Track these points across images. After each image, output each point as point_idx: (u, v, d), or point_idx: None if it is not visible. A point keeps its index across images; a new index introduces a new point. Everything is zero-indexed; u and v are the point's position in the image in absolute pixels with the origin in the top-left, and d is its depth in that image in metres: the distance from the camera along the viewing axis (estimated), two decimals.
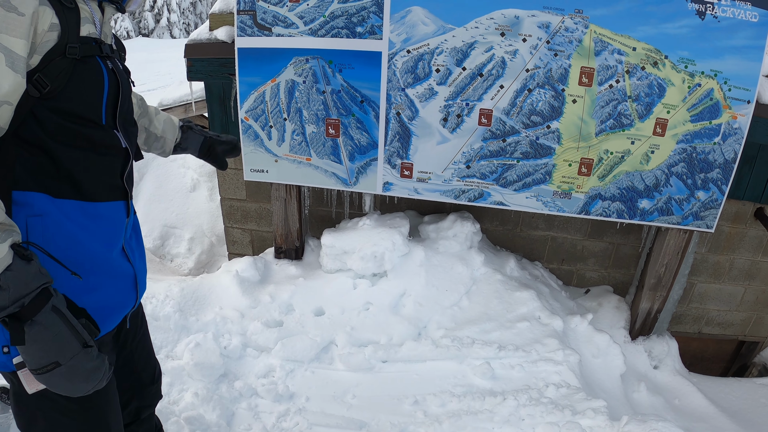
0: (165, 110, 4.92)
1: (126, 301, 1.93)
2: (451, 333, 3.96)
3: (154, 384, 2.46)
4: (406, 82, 3.80)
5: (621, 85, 3.67)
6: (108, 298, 1.83)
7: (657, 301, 4.50)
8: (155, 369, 2.45)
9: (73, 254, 1.68)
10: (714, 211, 3.96)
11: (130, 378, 2.26)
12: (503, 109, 3.79)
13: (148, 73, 20.66)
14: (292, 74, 3.89)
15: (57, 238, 1.65)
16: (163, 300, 4.02)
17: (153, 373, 2.43)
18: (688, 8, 3.47)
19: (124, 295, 1.91)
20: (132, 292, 1.94)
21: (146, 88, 16.89)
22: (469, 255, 4.37)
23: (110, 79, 1.73)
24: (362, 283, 4.21)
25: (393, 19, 3.66)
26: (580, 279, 5.07)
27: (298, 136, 4.06)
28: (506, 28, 3.61)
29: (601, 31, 3.57)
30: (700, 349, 5.44)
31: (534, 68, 3.67)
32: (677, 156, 3.82)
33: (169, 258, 7.76)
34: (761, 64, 3.55)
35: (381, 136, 3.96)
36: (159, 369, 2.49)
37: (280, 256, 4.63)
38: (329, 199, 4.75)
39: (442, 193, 4.07)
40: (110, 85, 1.73)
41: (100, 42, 1.72)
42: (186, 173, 8.34)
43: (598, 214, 4.02)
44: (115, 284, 1.85)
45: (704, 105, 3.67)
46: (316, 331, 3.96)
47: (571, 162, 3.87)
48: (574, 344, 4.14)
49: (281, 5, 3.75)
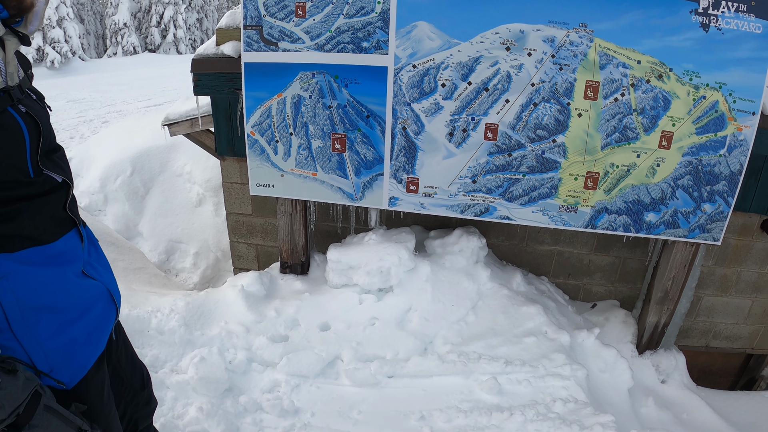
0: (171, 125, 4.94)
1: (108, 316, 1.96)
2: (458, 348, 3.94)
3: (145, 389, 2.45)
4: (411, 97, 3.81)
5: (626, 98, 3.67)
6: (92, 320, 1.87)
7: (664, 315, 4.48)
8: (143, 373, 2.46)
9: (48, 295, 1.72)
10: (720, 224, 3.95)
11: (121, 387, 2.27)
12: (509, 123, 3.79)
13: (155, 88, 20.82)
14: (299, 89, 3.91)
15: (28, 289, 1.67)
16: (168, 314, 4.02)
17: (142, 377, 2.43)
18: (692, 21, 3.48)
19: (105, 312, 1.94)
20: (110, 304, 1.97)
21: (152, 103, 17.02)
22: (476, 270, 4.37)
23: (29, 127, 1.65)
24: (368, 298, 4.20)
25: (399, 34, 3.68)
26: (586, 293, 5.05)
27: (304, 151, 4.07)
28: (511, 43, 3.62)
29: (606, 44, 3.58)
30: (707, 362, 5.41)
31: (539, 82, 3.68)
32: (683, 169, 3.81)
33: (174, 272, 7.79)
34: (766, 75, 3.56)
35: (387, 150, 3.97)
36: (147, 372, 2.49)
37: (286, 271, 4.62)
38: (335, 214, 4.75)
39: (448, 207, 4.06)
40: (30, 134, 1.65)
41: (9, 89, 1.62)
42: (192, 188, 8.37)
43: (605, 227, 4.01)
44: (93, 305, 1.88)
45: (709, 117, 3.68)
46: (321, 346, 3.95)
47: (577, 176, 3.87)
48: (582, 359, 4.11)
49: (288, 20, 3.78)
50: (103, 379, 2.00)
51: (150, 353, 3.78)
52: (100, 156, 9.10)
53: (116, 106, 16.88)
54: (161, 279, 6.38)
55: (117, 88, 21.50)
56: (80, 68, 33.04)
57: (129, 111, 15.68)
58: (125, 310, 3.90)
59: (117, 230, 7.89)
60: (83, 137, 12.08)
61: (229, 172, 4.73)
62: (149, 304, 4.11)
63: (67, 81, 23.73)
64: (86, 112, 15.66)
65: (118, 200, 8.47)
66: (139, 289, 4.50)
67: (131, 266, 6.14)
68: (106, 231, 6.82)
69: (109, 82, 23.82)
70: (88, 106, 16.82)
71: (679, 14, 3.48)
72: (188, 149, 8.15)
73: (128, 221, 8.34)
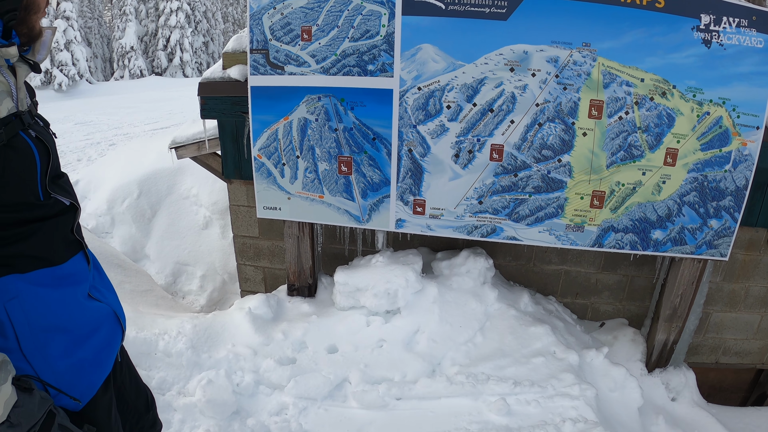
0: (178, 148, 4.98)
1: (115, 337, 1.98)
2: (466, 369, 3.93)
3: (149, 411, 2.45)
4: (417, 119, 3.84)
5: (630, 116, 3.69)
6: (100, 341, 1.89)
7: (673, 333, 4.47)
8: (147, 395, 2.45)
9: (58, 316, 1.74)
10: (727, 239, 3.95)
11: (126, 410, 2.27)
12: (514, 144, 3.81)
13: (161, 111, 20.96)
14: (305, 112, 3.94)
15: (38, 309, 1.69)
16: (176, 336, 4.03)
17: (146, 399, 2.43)
18: (693, 38, 3.51)
19: (112, 333, 1.96)
20: (117, 326, 1.99)
21: (159, 126, 17.13)
22: (483, 291, 4.37)
23: (39, 151, 1.70)
24: (376, 320, 4.21)
25: (404, 56, 3.72)
26: (594, 312, 5.04)
27: (310, 174, 4.10)
28: (515, 64, 3.65)
29: (609, 63, 3.60)
30: (718, 379, 5.38)
31: (544, 102, 3.71)
32: (689, 185, 3.82)
33: (181, 295, 7.80)
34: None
35: (393, 173, 3.99)
36: (151, 395, 2.49)
37: (293, 293, 4.64)
38: (342, 236, 4.77)
39: (454, 229, 4.07)
40: (41, 158, 1.70)
41: (20, 114, 1.67)
42: (198, 211, 8.41)
43: (612, 246, 4.01)
44: (101, 326, 1.90)
45: (713, 133, 3.69)
46: (329, 369, 3.95)
47: (583, 195, 3.88)
48: (591, 378, 4.10)
49: (294, 44, 3.82)
50: (110, 400, 2.02)
51: (157, 375, 3.80)
52: (107, 178, 9.16)
53: (123, 128, 17.00)
54: (168, 301, 6.39)
55: (124, 111, 21.67)
56: (87, 91, 33.33)
57: (136, 134, 15.78)
58: (132, 333, 3.92)
59: (124, 252, 7.91)
60: (90, 159, 12.16)
61: (236, 195, 4.76)
62: (156, 326, 4.12)
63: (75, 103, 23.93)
64: (93, 135, 15.77)
65: (125, 222, 8.51)
66: (146, 312, 4.52)
67: (138, 288, 6.16)
68: (113, 253, 6.84)
69: (116, 105, 24.01)
70: (95, 129, 16.94)
71: (681, 31, 3.50)
72: (195, 172, 8.20)
73: (135, 243, 8.37)
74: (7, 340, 1.64)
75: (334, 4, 3.72)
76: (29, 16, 1.69)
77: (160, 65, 45.75)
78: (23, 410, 1.49)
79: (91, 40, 47.45)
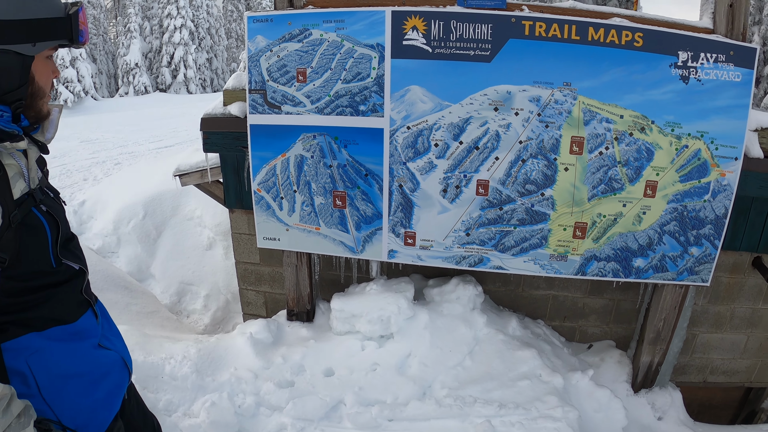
0: (182, 176, 5.13)
1: (123, 380, 2.17)
2: (455, 392, 4.05)
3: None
4: (407, 156, 3.99)
5: (610, 151, 3.80)
6: (110, 384, 2.09)
7: (657, 355, 4.54)
8: (154, 423, 2.60)
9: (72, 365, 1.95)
10: (708, 266, 4.03)
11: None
12: (499, 179, 3.95)
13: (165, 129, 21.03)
14: (301, 149, 4.10)
15: (55, 360, 1.90)
16: (181, 361, 4.17)
17: (153, 426, 2.58)
18: (671, 74, 3.61)
19: (120, 376, 2.15)
20: (124, 370, 2.18)
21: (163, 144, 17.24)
22: (472, 316, 4.49)
23: (49, 223, 1.85)
24: (370, 344, 4.34)
25: (393, 97, 3.88)
26: (582, 335, 5.13)
27: (307, 207, 4.26)
28: (499, 103, 3.79)
29: (589, 101, 3.72)
30: (707, 397, 5.40)
31: (527, 140, 3.84)
32: (668, 215, 3.92)
33: (185, 314, 7.87)
34: (746, 121, 3.65)
35: (385, 207, 4.14)
36: (157, 422, 2.64)
37: (292, 318, 4.78)
38: (338, 264, 4.89)
39: (444, 259, 4.21)
40: (51, 230, 1.86)
41: (32, 192, 1.81)
42: (202, 232, 8.52)
43: (594, 274, 4.12)
44: (110, 371, 2.10)
45: (692, 165, 3.79)
46: (325, 391, 4.07)
47: (566, 226, 4.00)
48: (575, 400, 4.19)
49: (290, 85, 3.99)
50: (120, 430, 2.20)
51: (164, 398, 3.93)
52: (113, 199, 9.31)
53: (128, 147, 17.07)
54: (173, 322, 6.54)
55: (129, 128, 21.67)
56: (93, 107, 33.37)
57: (141, 152, 15.88)
58: (141, 357, 4.05)
59: (129, 272, 8.05)
60: (96, 179, 12.27)
61: (238, 224, 4.92)
62: (163, 350, 4.26)
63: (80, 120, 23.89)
64: (99, 153, 15.83)
65: (130, 243, 8.64)
66: (153, 334, 4.65)
67: (144, 310, 6.32)
68: (119, 275, 7.01)
69: (120, 121, 23.98)
70: (101, 147, 16.99)
71: (659, 69, 3.61)
72: (198, 194, 8.28)
73: (140, 263, 8.50)
74: (29, 388, 1.83)
75: (327, 48, 3.88)
76: (35, 102, 1.84)
77: (164, 81, 45.91)
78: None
79: (96, 56, 47.66)
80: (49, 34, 1.76)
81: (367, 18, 3.80)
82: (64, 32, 1.79)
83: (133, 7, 45.67)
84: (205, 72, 48.89)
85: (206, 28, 49.80)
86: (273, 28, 3.94)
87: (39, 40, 1.74)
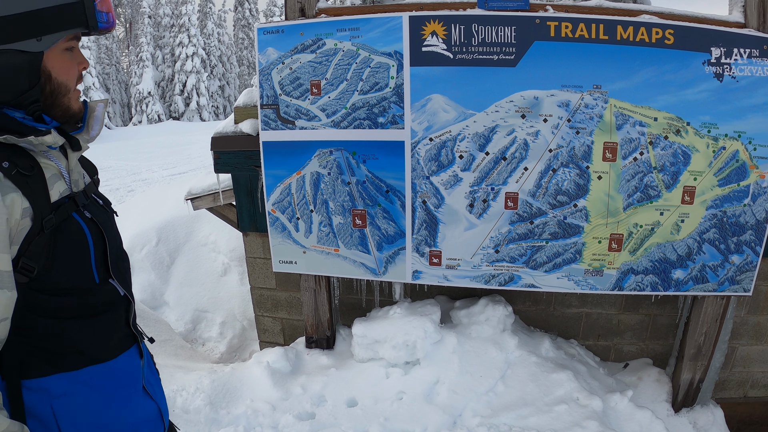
0: (194, 199, 5.01)
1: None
2: (487, 420, 3.86)
3: None
4: (430, 170, 3.83)
5: (645, 156, 3.66)
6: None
7: (698, 371, 4.36)
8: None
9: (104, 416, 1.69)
10: (750, 274, 3.87)
11: None
12: (529, 191, 3.79)
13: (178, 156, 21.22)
14: (317, 166, 3.95)
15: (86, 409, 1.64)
16: (194, 393, 4.01)
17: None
18: (705, 72, 3.48)
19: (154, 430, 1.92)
20: (159, 424, 1.94)
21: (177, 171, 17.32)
22: (503, 338, 4.30)
23: (92, 233, 1.67)
24: (395, 372, 4.16)
25: (413, 108, 3.72)
26: (617, 354, 4.94)
27: (325, 228, 4.10)
28: (526, 110, 3.64)
29: (621, 104, 3.58)
30: (747, 413, 5.20)
31: (557, 148, 3.69)
32: (708, 222, 3.76)
33: (200, 342, 7.80)
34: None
35: (408, 225, 3.98)
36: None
37: (312, 345, 4.60)
38: (359, 287, 4.74)
39: (472, 279, 4.04)
40: (94, 239, 1.67)
41: (74, 195, 1.65)
42: (216, 258, 8.45)
43: (632, 289, 3.95)
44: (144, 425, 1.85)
45: (731, 168, 3.65)
46: (348, 423, 3.89)
47: (601, 239, 3.83)
48: (615, 424, 4.00)
49: (303, 99, 3.85)
50: None
51: None
52: (126, 226, 9.21)
53: (141, 174, 17.20)
54: (187, 351, 6.39)
55: (142, 155, 21.97)
56: (106, 136, 33.84)
57: (154, 179, 15.96)
58: None
59: (143, 300, 7.95)
60: None
61: (252, 248, 4.76)
62: (174, 382, 4.10)
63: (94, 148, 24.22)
64: (112, 181, 15.97)
65: (144, 270, 8.55)
66: (164, 364, 4.49)
67: (158, 339, 6.16)
68: None
69: (134, 149, 24.35)
70: (115, 174, 17.15)
71: (692, 67, 3.48)
72: (212, 219, 8.23)
73: (154, 291, 8.40)
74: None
75: (342, 58, 3.75)
76: (59, 99, 1.64)
77: (177, 110, 46.53)
78: None
79: (109, 85, 48.45)
80: (57, 24, 1.54)
81: (383, 24, 3.65)
82: (77, 19, 1.57)
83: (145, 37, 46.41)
84: (218, 99, 49.57)
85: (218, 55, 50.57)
86: (284, 39, 3.81)
87: (44, 34, 1.53)
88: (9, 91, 1.53)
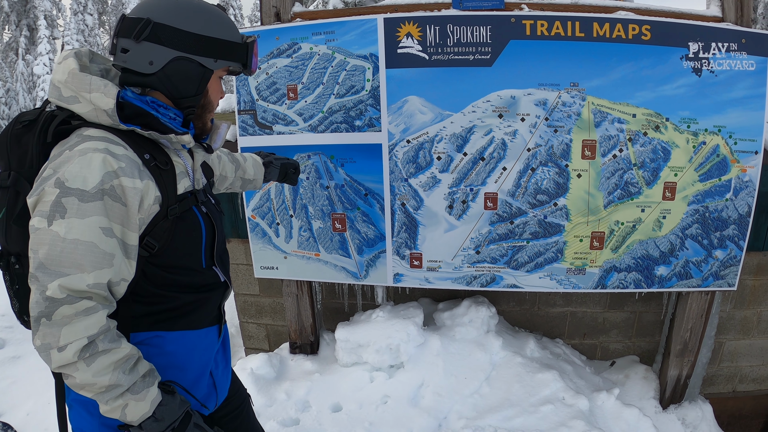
0: None
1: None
2: (473, 423, 3.83)
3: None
4: (408, 172, 3.80)
5: (624, 153, 3.64)
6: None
7: (685, 367, 4.36)
8: None
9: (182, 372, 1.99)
10: (734, 269, 3.86)
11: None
12: (508, 191, 3.76)
13: None
14: None
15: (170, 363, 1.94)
16: None
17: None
18: (683, 67, 3.47)
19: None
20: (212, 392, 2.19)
21: None
22: (487, 340, 4.27)
23: (206, 226, 1.98)
24: (379, 375, 4.12)
25: (390, 110, 3.69)
26: (604, 352, 4.92)
27: (305, 232, 4.06)
28: (503, 110, 3.62)
29: (599, 101, 3.56)
30: (736, 407, 5.20)
31: (535, 147, 3.66)
32: (690, 218, 3.75)
33: None
34: (764, 112, 3.53)
35: (388, 227, 3.94)
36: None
37: (296, 351, 4.56)
38: (341, 292, 4.71)
39: (453, 280, 4.00)
40: (207, 231, 1.99)
41: (195, 192, 1.96)
42: None
43: (615, 286, 3.93)
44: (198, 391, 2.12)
45: (711, 162, 3.63)
46: (333, 428, 3.86)
47: (582, 237, 3.81)
48: (602, 423, 3.99)
49: (280, 103, 3.82)
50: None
51: None
52: None
53: None
54: None
55: None
56: None
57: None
58: None
59: None
60: None
61: (235, 254, 4.72)
62: None
63: None
64: None
65: None
66: None
67: None
68: None
69: None
70: None
71: (670, 62, 3.46)
72: None
73: None
74: None
75: (318, 62, 3.71)
76: (204, 114, 2.00)
77: None
78: (166, 408, 1.76)
79: None
80: (229, 54, 1.92)
81: (358, 27, 3.62)
82: (241, 56, 1.95)
83: None
84: None
85: None
86: (260, 44, 3.78)
87: (220, 58, 1.90)
88: (181, 90, 1.88)
